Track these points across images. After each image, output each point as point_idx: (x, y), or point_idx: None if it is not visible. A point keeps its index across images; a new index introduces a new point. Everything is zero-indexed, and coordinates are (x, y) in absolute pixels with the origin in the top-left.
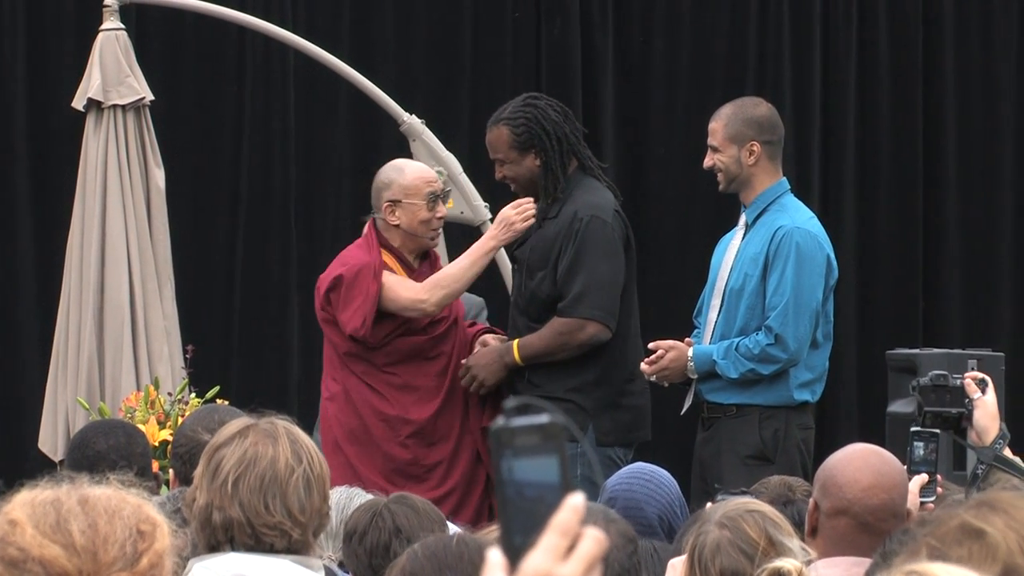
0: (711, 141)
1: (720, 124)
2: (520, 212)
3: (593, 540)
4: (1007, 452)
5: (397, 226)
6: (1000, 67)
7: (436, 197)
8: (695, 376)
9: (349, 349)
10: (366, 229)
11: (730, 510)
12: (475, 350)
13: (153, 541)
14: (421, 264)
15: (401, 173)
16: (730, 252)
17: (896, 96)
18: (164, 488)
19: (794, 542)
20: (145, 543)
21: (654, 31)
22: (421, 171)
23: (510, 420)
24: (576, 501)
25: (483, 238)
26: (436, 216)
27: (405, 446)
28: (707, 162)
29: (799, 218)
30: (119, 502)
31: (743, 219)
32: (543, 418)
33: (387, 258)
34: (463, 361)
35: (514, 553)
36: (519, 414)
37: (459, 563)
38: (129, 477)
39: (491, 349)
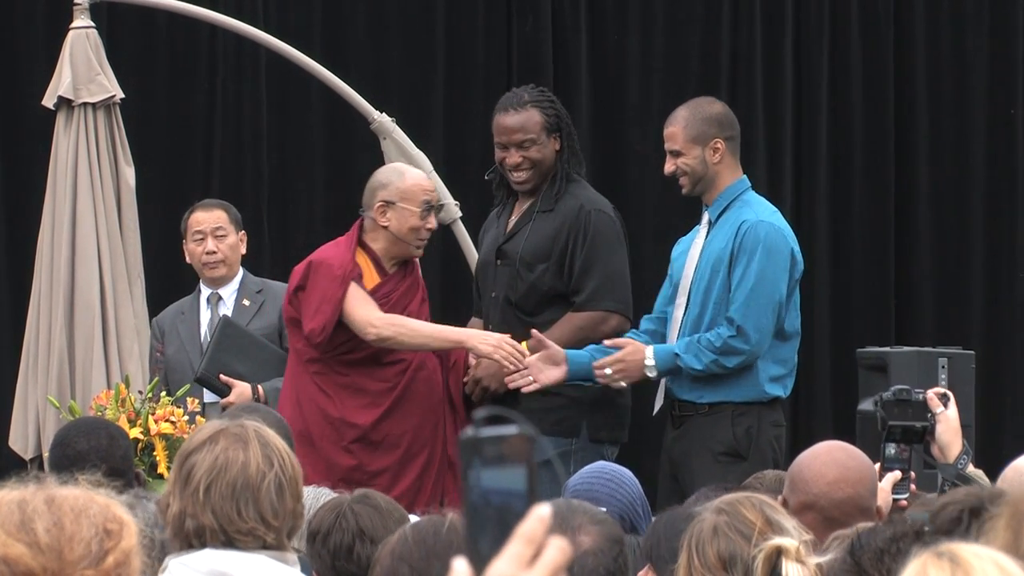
0: (671, 146)
1: (679, 127)
2: (510, 354)
3: (558, 549)
4: (970, 468)
5: (386, 228)
6: (971, 68)
7: (431, 207)
8: (653, 375)
9: (311, 355)
10: (352, 227)
11: (726, 497)
12: (474, 362)
13: (120, 540)
14: (397, 271)
15: (401, 176)
16: (694, 251)
17: (868, 96)
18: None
19: (791, 523)
20: (111, 541)
21: (627, 28)
22: (420, 178)
23: (479, 430)
24: (543, 511)
25: (463, 330)
26: (426, 226)
27: (349, 451)
28: (668, 168)
29: (763, 212)
30: (86, 501)
31: (705, 217)
32: (512, 428)
33: (361, 259)
34: (467, 375)
35: (479, 561)
36: (489, 424)
37: (448, 551)
38: (97, 477)
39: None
